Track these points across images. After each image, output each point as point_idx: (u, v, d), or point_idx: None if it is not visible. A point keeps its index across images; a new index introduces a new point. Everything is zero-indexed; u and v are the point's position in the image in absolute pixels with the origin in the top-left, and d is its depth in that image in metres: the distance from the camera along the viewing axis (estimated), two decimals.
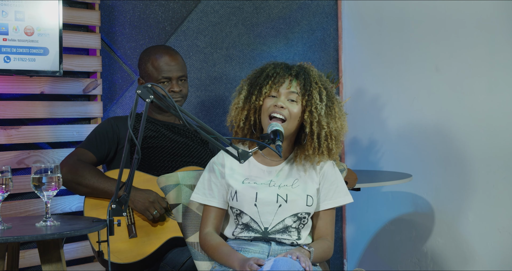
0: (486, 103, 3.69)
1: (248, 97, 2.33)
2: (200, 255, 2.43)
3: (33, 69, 2.88)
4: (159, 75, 2.91)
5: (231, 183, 2.32)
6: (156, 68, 2.92)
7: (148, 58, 2.95)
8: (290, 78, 2.31)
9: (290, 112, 2.27)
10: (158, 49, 2.98)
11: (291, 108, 2.28)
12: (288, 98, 2.29)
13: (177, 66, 2.94)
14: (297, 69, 2.33)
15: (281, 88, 2.29)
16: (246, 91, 2.34)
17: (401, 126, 4.06)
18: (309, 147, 2.30)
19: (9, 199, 2.94)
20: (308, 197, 2.30)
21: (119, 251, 2.67)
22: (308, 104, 2.28)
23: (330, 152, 2.32)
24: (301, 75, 2.31)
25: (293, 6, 4.07)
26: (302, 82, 2.30)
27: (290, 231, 2.29)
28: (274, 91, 2.30)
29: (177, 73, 2.93)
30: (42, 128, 3.05)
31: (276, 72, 2.32)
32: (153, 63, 2.93)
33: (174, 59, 2.94)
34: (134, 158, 2.21)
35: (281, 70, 2.32)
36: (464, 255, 3.81)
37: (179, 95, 2.93)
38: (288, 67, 2.35)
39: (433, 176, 3.91)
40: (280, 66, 2.34)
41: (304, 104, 2.29)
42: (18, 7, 2.82)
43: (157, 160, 2.88)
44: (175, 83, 2.93)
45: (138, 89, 2.21)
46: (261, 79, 2.32)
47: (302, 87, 2.29)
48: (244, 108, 2.34)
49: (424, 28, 3.93)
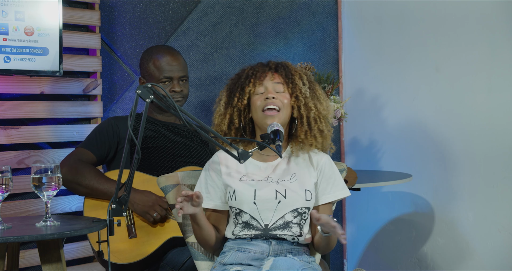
0: (486, 103, 3.69)
1: (229, 101, 2.38)
2: (200, 255, 2.43)
3: (33, 69, 2.88)
4: (160, 75, 2.91)
5: (228, 182, 2.33)
6: (157, 68, 2.92)
7: (150, 57, 2.95)
8: (271, 72, 2.38)
9: (282, 101, 2.33)
10: (160, 49, 2.98)
11: (281, 98, 2.33)
12: (275, 90, 2.34)
13: (178, 66, 2.94)
14: (274, 63, 2.42)
15: (265, 81, 2.36)
16: (226, 97, 2.40)
17: (401, 126, 4.06)
18: (301, 132, 2.35)
19: (9, 199, 2.94)
20: (307, 191, 2.31)
21: (119, 251, 2.66)
22: (293, 90, 2.36)
23: (322, 133, 2.37)
24: (280, 67, 2.39)
25: (293, 6, 4.07)
26: (283, 72, 2.38)
27: (291, 226, 2.29)
28: (259, 86, 2.35)
29: (178, 73, 2.93)
30: (42, 128, 3.05)
31: (255, 70, 2.39)
32: (155, 63, 2.93)
33: (176, 59, 2.95)
34: (134, 158, 2.22)
35: (259, 67, 2.40)
36: (464, 255, 3.81)
37: (180, 95, 2.94)
38: (265, 64, 2.43)
39: (433, 176, 3.91)
40: (257, 65, 2.42)
41: (290, 92, 2.35)
42: (18, 7, 2.82)
43: (156, 160, 2.88)
44: (176, 83, 2.93)
45: (138, 89, 2.21)
46: (241, 81, 2.38)
47: (284, 77, 2.37)
48: (226, 113, 2.38)
49: (424, 28, 3.93)
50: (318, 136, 2.35)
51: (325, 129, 2.37)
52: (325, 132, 2.37)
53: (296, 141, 2.37)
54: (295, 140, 2.37)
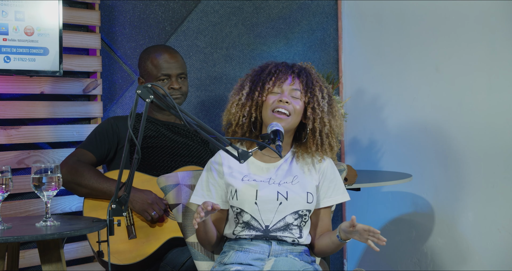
0: (486, 103, 3.69)
1: (250, 93, 2.36)
2: (200, 255, 2.43)
3: (33, 69, 2.88)
4: (158, 73, 2.92)
5: (230, 181, 2.33)
6: (155, 66, 2.92)
7: (147, 56, 2.96)
8: (292, 76, 2.35)
9: (294, 108, 2.31)
10: (157, 48, 2.99)
11: (295, 104, 2.31)
12: (291, 95, 2.32)
13: (176, 63, 2.95)
14: (298, 67, 2.38)
15: (284, 84, 2.33)
16: (249, 87, 2.37)
17: (401, 126, 4.06)
18: (312, 144, 2.34)
19: (9, 199, 2.94)
20: (308, 194, 2.31)
21: (119, 252, 2.66)
22: (311, 101, 2.33)
23: (332, 149, 2.37)
24: (303, 73, 2.36)
25: (293, 6, 4.07)
26: (304, 79, 2.35)
27: (291, 228, 2.29)
28: (277, 87, 2.33)
29: (176, 71, 2.94)
30: (42, 128, 3.05)
31: (278, 69, 2.36)
32: (153, 61, 2.93)
33: (173, 57, 2.95)
34: (134, 158, 2.21)
35: (283, 67, 2.37)
36: (464, 255, 3.81)
37: (179, 92, 2.93)
38: (289, 66, 2.39)
39: (433, 176, 3.91)
40: (282, 64, 2.39)
41: (306, 101, 2.34)
42: (18, 7, 2.82)
43: (156, 159, 2.88)
44: (175, 80, 2.93)
45: (138, 89, 2.21)
46: (263, 76, 2.35)
47: (304, 85, 2.34)
48: (246, 104, 2.36)
49: (424, 28, 3.93)
50: (328, 150, 2.36)
51: (335, 145, 2.37)
52: (334, 148, 2.38)
53: (304, 148, 2.37)
54: (304, 148, 2.37)
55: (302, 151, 2.36)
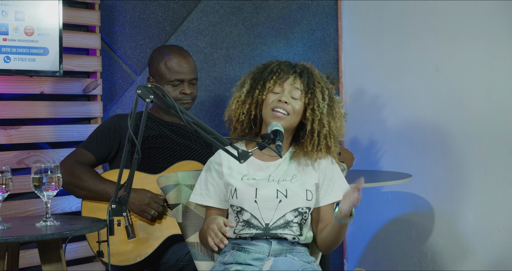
0: (486, 103, 3.69)
1: (250, 91, 2.37)
2: (200, 255, 2.43)
3: (33, 69, 2.88)
4: (171, 77, 2.90)
5: (230, 181, 2.33)
6: (169, 69, 2.91)
7: (161, 57, 2.93)
8: (294, 75, 2.35)
9: (293, 108, 2.31)
10: (172, 50, 2.96)
11: (294, 104, 2.32)
12: (291, 95, 2.33)
13: (190, 68, 2.94)
14: (301, 67, 2.38)
15: (285, 84, 2.34)
16: (249, 85, 2.38)
17: (401, 126, 4.06)
18: (308, 144, 2.34)
19: (9, 199, 2.94)
20: (308, 191, 2.32)
21: (119, 253, 2.67)
22: (311, 102, 2.33)
23: (329, 149, 2.37)
24: (305, 74, 2.36)
25: (293, 6, 4.07)
26: (305, 80, 2.35)
27: (291, 226, 2.29)
28: (278, 86, 2.34)
29: (189, 76, 2.93)
30: (42, 128, 3.05)
31: (280, 68, 2.37)
32: (167, 63, 2.91)
33: (187, 61, 2.94)
34: (134, 158, 2.21)
35: (285, 67, 2.37)
36: (464, 255, 3.81)
37: (190, 97, 2.94)
38: (292, 65, 2.40)
39: (433, 176, 3.91)
40: (284, 63, 2.39)
41: (306, 102, 2.34)
42: (18, 7, 2.82)
43: (156, 160, 2.88)
44: (187, 85, 2.92)
45: (138, 89, 2.21)
46: (265, 74, 2.36)
47: (305, 85, 2.34)
48: (245, 101, 2.37)
49: (424, 28, 3.93)
50: (324, 150, 2.36)
51: (332, 146, 2.37)
52: (332, 148, 2.37)
53: (301, 148, 2.37)
54: (300, 147, 2.37)
55: (299, 150, 2.37)
